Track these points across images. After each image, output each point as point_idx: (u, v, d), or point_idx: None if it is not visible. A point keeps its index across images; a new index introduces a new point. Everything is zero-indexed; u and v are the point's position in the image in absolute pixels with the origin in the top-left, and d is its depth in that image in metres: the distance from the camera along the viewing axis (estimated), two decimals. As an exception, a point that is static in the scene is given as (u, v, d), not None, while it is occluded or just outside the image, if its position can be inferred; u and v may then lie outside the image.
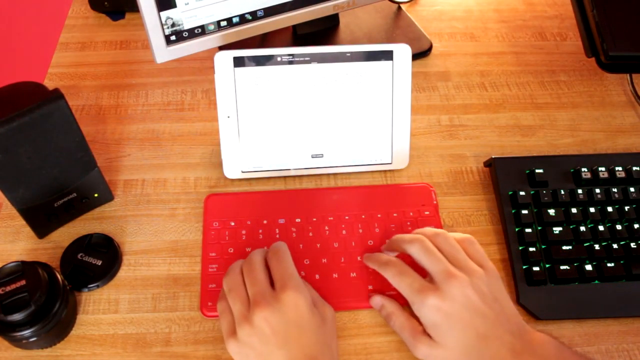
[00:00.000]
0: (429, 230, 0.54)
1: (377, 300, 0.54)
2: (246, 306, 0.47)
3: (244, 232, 0.58)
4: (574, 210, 0.59)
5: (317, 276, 0.56)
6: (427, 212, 0.60)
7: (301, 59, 0.59)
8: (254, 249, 0.57)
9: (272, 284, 0.49)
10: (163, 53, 0.63)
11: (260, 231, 0.58)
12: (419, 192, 0.62)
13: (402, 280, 0.51)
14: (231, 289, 0.49)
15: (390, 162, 0.64)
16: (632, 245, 0.57)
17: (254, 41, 0.75)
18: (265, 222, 0.59)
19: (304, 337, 0.46)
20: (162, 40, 0.62)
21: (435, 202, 0.61)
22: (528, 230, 0.58)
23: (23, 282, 0.46)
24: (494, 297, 0.49)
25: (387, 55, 0.60)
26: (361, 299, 0.55)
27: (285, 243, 0.52)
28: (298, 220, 0.59)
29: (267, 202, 0.61)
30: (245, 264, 0.50)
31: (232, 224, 0.59)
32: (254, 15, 0.66)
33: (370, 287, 0.55)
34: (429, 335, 0.49)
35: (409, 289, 0.50)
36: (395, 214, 0.60)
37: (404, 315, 0.52)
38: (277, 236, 0.58)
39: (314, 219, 0.59)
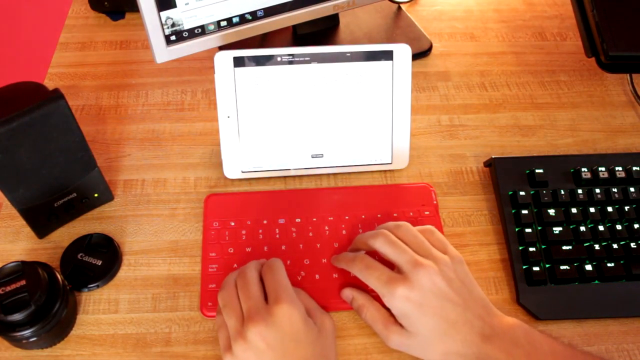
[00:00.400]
0: (391, 223, 0.54)
1: (348, 292, 0.54)
2: (240, 321, 0.47)
3: (244, 232, 0.58)
4: (574, 210, 0.59)
5: (317, 276, 0.56)
6: (427, 212, 0.60)
7: (301, 59, 0.59)
8: (254, 249, 0.57)
9: (266, 298, 0.48)
10: (163, 53, 0.63)
11: (261, 231, 0.58)
12: (419, 192, 0.62)
13: (370, 274, 0.51)
14: (226, 304, 0.48)
15: (390, 162, 0.64)
16: (632, 245, 0.57)
17: (254, 41, 0.75)
18: (265, 222, 0.59)
19: (300, 350, 0.46)
20: (162, 40, 0.62)
21: (435, 202, 0.61)
22: (528, 230, 0.58)
23: (23, 282, 0.46)
24: (461, 283, 0.49)
25: (387, 55, 0.60)
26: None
27: (280, 259, 0.52)
28: (298, 220, 0.59)
29: (267, 202, 0.61)
30: (239, 277, 0.50)
31: (232, 224, 0.59)
32: (254, 15, 0.66)
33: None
34: (400, 325, 0.49)
35: (378, 282, 0.50)
36: (395, 214, 0.60)
37: (375, 306, 0.52)
38: (277, 236, 0.58)
39: (314, 219, 0.59)
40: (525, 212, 0.59)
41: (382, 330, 0.50)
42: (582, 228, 0.58)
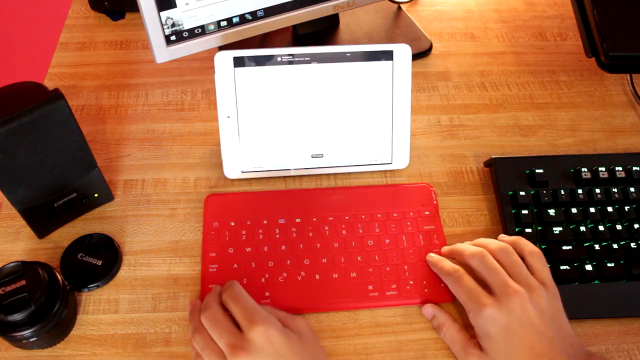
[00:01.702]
0: (493, 242, 0.54)
1: (429, 309, 0.54)
2: (223, 359, 0.46)
3: (244, 232, 0.58)
4: (574, 210, 0.59)
5: (317, 276, 0.56)
6: (427, 212, 0.60)
7: (301, 59, 0.59)
8: (254, 249, 0.57)
9: (238, 327, 0.47)
10: (163, 53, 0.63)
11: (261, 231, 0.58)
12: (419, 192, 0.62)
13: (461, 288, 0.51)
14: (203, 348, 0.47)
15: (390, 162, 0.64)
16: (632, 245, 0.57)
17: (254, 41, 0.75)
18: (265, 222, 0.59)
19: None
20: (162, 40, 0.62)
21: (435, 202, 0.61)
22: (528, 230, 0.58)
23: (23, 282, 0.46)
24: (552, 316, 0.48)
25: (387, 55, 0.60)
26: (361, 299, 0.55)
27: (236, 282, 0.51)
28: (298, 220, 0.59)
29: (267, 202, 0.61)
30: (204, 317, 0.49)
31: (232, 223, 0.59)
32: (254, 15, 0.66)
33: (370, 287, 0.55)
34: (480, 348, 0.48)
35: (467, 297, 0.50)
36: (395, 214, 0.60)
37: (455, 327, 0.51)
38: (277, 236, 0.58)
39: (314, 219, 0.59)
40: (525, 212, 0.59)
41: (460, 352, 0.50)
42: (582, 228, 0.57)
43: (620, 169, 0.61)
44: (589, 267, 0.56)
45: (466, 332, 0.51)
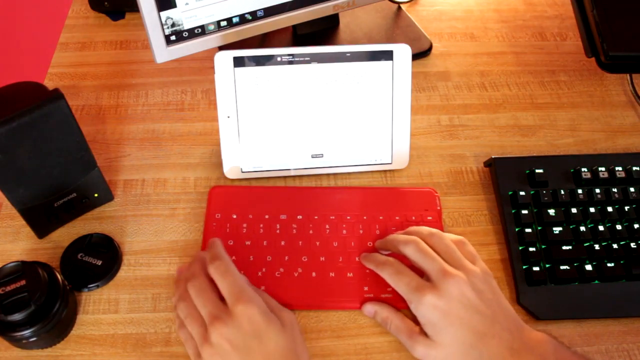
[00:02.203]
0: (424, 229, 0.54)
1: (369, 307, 0.54)
2: (204, 328, 0.47)
3: (245, 225, 0.58)
4: (574, 210, 0.59)
5: (313, 274, 0.56)
6: (429, 218, 0.60)
7: (301, 59, 0.59)
8: (253, 243, 0.57)
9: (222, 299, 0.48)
10: (163, 53, 0.63)
11: (261, 226, 0.58)
12: (423, 197, 0.62)
13: (399, 280, 0.51)
14: (186, 315, 0.48)
15: (390, 162, 0.64)
16: (632, 245, 0.57)
17: (254, 41, 0.75)
18: (267, 217, 0.59)
19: (266, 346, 0.46)
20: (162, 40, 0.62)
21: (438, 208, 0.61)
22: (528, 230, 0.58)
23: (23, 282, 0.46)
24: (491, 295, 0.49)
25: (387, 55, 0.60)
26: (356, 300, 0.54)
27: (219, 240, 0.51)
28: (300, 217, 0.59)
29: (271, 198, 0.61)
30: (190, 286, 0.49)
31: (234, 216, 0.59)
32: (254, 15, 0.66)
33: (365, 289, 0.55)
34: (426, 335, 0.49)
35: (407, 288, 0.50)
36: (397, 217, 0.60)
37: (399, 317, 0.52)
38: (278, 231, 0.58)
39: (316, 217, 0.59)
40: (525, 212, 0.59)
41: (407, 340, 0.50)
42: (582, 228, 0.57)
43: (620, 169, 0.61)
44: (589, 267, 0.56)
45: (410, 321, 0.51)
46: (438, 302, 0.48)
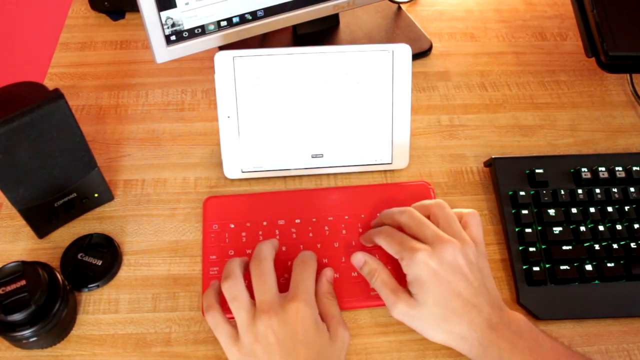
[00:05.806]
0: (427, 201, 0.55)
1: (360, 256, 0.53)
2: (252, 314, 0.46)
3: (244, 234, 0.58)
4: (574, 210, 0.59)
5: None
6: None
7: (301, 59, 0.59)
8: (253, 251, 0.57)
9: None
10: (163, 53, 0.63)
11: (260, 233, 0.58)
12: (417, 190, 0.62)
13: (393, 240, 0.51)
14: (235, 296, 0.47)
15: (390, 162, 0.64)
16: (632, 245, 0.57)
17: (254, 41, 0.75)
18: (264, 223, 0.59)
19: (306, 352, 0.45)
20: (162, 40, 0.62)
21: None
22: (528, 230, 0.58)
23: (23, 282, 0.46)
24: (479, 269, 0.50)
25: (387, 56, 0.60)
26: (362, 299, 0.54)
27: (314, 254, 0.53)
28: (298, 221, 0.59)
29: (266, 204, 0.60)
30: (255, 266, 0.49)
31: (232, 226, 0.59)
32: (254, 15, 0.66)
33: (372, 287, 0.55)
34: (409, 295, 0.49)
35: (400, 246, 0.50)
36: (395, 214, 0.60)
37: (386, 272, 0.52)
38: (277, 237, 0.58)
39: (314, 219, 0.59)
40: (525, 212, 0.59)
41: (390, 295, 0.50)
42: (582, 228, 0.57)
43: (620, 169, 0.61)
44: (589, 267, 0.56)
45: (396, 280, 0.51)
46: (430, 261, 0.48)
